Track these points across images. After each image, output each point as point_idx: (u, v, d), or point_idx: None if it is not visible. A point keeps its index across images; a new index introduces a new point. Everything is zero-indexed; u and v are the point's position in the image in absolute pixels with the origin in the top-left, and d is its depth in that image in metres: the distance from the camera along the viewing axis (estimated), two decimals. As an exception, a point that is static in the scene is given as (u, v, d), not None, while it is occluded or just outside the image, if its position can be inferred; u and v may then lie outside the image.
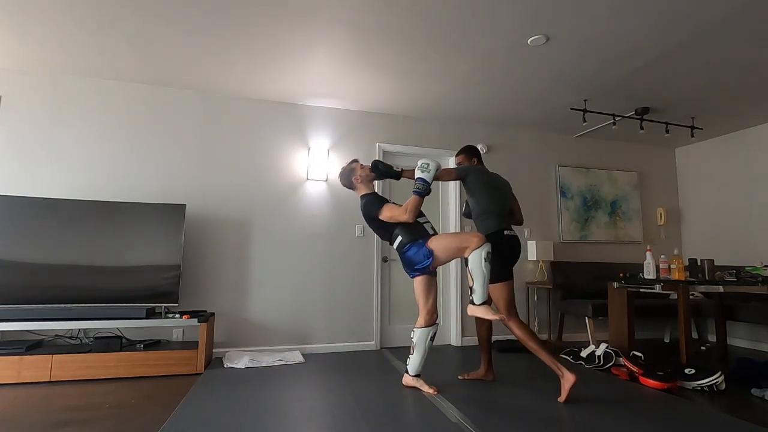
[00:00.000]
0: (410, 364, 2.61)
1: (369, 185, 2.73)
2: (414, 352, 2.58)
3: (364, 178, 2.70)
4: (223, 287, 3.53)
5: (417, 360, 2.57)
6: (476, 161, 2.91)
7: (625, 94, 3.61)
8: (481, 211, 2.66)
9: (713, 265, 3.28)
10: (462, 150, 2.98)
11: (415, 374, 2.60)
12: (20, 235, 2.93)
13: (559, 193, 4.62)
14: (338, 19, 2.55)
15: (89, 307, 2.96)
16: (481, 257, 2.30)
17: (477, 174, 2.70)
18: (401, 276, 4.04)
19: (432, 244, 2.47)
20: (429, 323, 2.56)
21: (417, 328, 2.57)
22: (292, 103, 3.89)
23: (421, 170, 2.48)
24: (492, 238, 2.48)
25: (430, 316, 2.57)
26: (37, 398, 2.38)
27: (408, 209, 2.46)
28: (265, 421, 2.06)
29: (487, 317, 2.33)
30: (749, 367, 2.88)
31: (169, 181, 3.51)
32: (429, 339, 2.56)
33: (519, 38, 2.73)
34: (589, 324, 3.86)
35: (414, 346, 2.57)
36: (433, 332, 2.57)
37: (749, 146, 4.41)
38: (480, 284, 2.32)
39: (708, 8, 2.39)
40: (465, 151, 2.95)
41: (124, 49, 2.95)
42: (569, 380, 2.33)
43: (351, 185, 2.75)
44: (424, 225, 2.58)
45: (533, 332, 2.48)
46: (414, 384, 2.60)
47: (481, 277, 2.31)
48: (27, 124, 3.26)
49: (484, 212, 2.65)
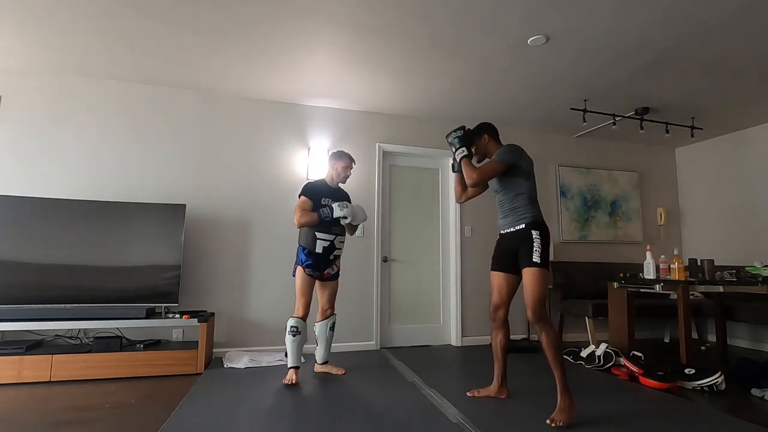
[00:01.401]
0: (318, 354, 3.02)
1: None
2: (318, 342, 3.01)
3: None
4: (223, 287, 3.53)
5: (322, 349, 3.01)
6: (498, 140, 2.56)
7: (625, 94, 3.61)
8: (533, 197, 2.33)
9: (713, 265, 3.28)
10: (482, 129, 2.53)
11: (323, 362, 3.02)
12: (20, 235, 2.93)
13: (559, 193, 4.62)
14: (338, 19, 2.55)
15: (89, 307, 2.96)
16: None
17: (525, 155, 2.37)
18: (401, 276, 4.05)
19: (298, 269, 2.84)
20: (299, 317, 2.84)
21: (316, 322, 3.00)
22: (292, 103, 3.89)
23: (340, 208, 2.79)
24: (544, 224, 2.29)
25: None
26: (37, 398, 2.38)
27: (296, 216, 2.78)
28: (265, 421, 2.06)
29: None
30: (749, 367, 2.88)
31: (169, 181, 3.51)
32: (329, 329, 2.99)
33: (519, 38, 2.73)
34: (589, 324, 3.86)
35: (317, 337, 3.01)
36: (331, 323, 2.99)
37: (749, 146, 4.41)
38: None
39: (708, 8, 2.39)
40: (488, 130, 2.53)
41: (124, 49, 2.95)
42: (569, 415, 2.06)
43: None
44: (318, 239, 2.83)
45: (560, 345, 2.20)
46: (323, 369, 3.01)
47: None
48: (27, 124, 3.26)
49: (536, 198, 2.35)
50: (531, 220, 2.28)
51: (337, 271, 2.98)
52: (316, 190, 2.87)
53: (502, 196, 2.40)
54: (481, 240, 4.26)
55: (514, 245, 2.31)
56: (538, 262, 2.19)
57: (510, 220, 2.36)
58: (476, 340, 4.10)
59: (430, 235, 4.22)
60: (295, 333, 2.71)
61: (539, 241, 2.22)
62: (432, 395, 2.48)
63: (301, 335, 2.72)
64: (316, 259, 2.82)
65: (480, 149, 2.52)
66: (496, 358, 2.47)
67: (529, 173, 2.34)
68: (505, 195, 2.38)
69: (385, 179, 4.12)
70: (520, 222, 2.30)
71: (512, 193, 2.35)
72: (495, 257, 2.45)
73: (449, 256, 4.21)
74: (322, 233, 2.82)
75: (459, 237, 4.17)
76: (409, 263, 4.10)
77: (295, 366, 2.72)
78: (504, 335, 2.44)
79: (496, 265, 2.43)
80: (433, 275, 4.16)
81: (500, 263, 2.41)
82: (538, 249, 2.21)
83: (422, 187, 4.26)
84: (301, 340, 2.74)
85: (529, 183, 2.33)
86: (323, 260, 2.85)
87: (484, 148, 2.52)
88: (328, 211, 2.76)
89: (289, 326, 2.71)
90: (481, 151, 2.53)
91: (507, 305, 2.43)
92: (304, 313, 2.75)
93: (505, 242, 2.40)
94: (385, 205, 4.08)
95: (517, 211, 2.32)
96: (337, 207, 2.78)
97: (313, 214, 2.75)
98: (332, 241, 2.85)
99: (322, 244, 2.81)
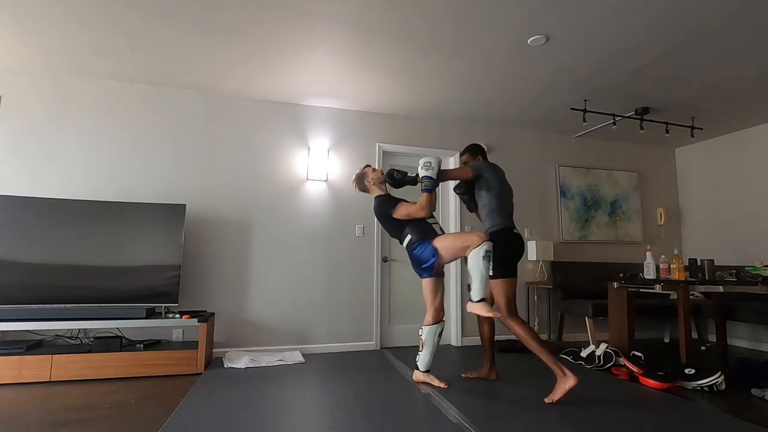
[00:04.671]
0: (420, 360, 2.71)
1: (381, 187, 2.87)
2: (423, 348, 2.68)
3: (375, 181, 2.84)
4: (223, 287, 3.53)
5: (427, 356, 2.69)
6: (481, 158, 2.90)
7: (625, 94, 3.61)
8: (494, 208, 2.63)
9: (713, 265, 3.28)
10: (467, 149, 2.96)
11: (425, 370, 2.71)
12: (20, 235, 2.93)
13: (559, 193, 4.62)
14: (338, 19, 2.55)
15: (89, 307, 2.95)
16: (480, 255, 2.39)
17: (493, 170, 2.70)
18: (401, 276, 4.05)
19: (437, 243, 2.59)
20: (436, 320, 2.67)
21: (425, 325, 2.67)
22: (292, 103, 3.89)
23: (425, 169, 2.60)
24: (501, 235, 2.55)
25: (438, 314, 2.68)
26: (37, 398, 2.38)
27: (423, 205, 2.61)
28: (265, 421, 2.06)
29: (484, 314, 2.37)
30: (749, 367, 2.88)
31: (169, 181, 3.51)
32: (437, 335, 2.68)
33: (519, 38, 2.73)
34: (589, 324, 3.86)
35: (423, 342, 2.68)
36: (440, 329, 2.69)
37: (749, 146, 4.41)
38: (478, 281, 2.40)
39: (708, 8, 2.39)
40: (470, 150, 2.93)
41: (124, 49, 2.95)
42: (569, 382, 2.28)
43: (365, 189, 2.90)
44: (432, 225, 2.70)
45: (534, 331, 2.44)
46: (424, 379, 2.70)
47: (479, 274, 2.39)
48: (27, 124, 3.26)
49: (497, 209, 2.62)
50: (487, 231, 2.62)
51: None
52: (393, 197, 2.80)
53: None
54: (481, 240, 4.26)
55: None
56: (491, 275, 2.47)
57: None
58: (476, 340, 4.09)
59: (430, 235, 4.21)
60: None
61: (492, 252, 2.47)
62: (432, 395, 2.48)
63: None
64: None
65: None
66: (484, 346, 2.87)
67: (491, 186, 2.65)
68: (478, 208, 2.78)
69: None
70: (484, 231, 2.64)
71: (480, 205, 2.72)
72: None
73: (449, 256, 4.21)
74: (431, 219, 2.71)
75: (459, 237, 4.17)
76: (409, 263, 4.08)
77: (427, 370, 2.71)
78: (488, 327, 2.85)
79: None
80: (433, 275, 4.15)
81: None
82: (492, 260, 2.46)
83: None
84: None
85: (490, 194, 2.64)
86: None
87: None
88: (429, 182, 2.57)
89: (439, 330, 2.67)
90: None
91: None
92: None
93: None
94: (385, 205, 4.08)
95: (482, 221, 2.71)
96: (424, 169, 2.58)
97: (426, 195, 2.59)
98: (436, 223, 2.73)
99: (437, 227, 2.70)
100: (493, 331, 2.86)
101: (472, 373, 2.87)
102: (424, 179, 2.60)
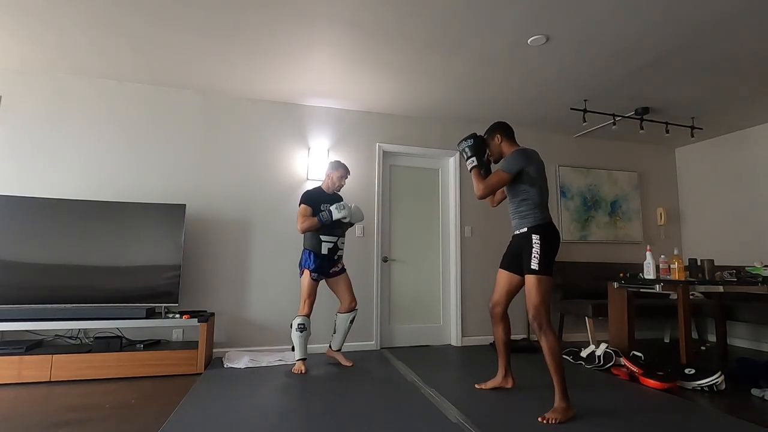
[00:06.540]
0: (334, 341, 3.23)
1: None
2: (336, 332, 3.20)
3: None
4: (223, 287, 3.53)
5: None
6: (510, 141, 2.50)
7: (625, 94, 3.61)
8: (538, 202, 2.32)
9: (713, 265, 3.28)
10: (496, 128, 2.50)
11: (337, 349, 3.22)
12: (20, 235, 2.93)
13: (559, 193, 4.62)
14: (338, 19, 2.55)
15: (89, 307, 2.95)
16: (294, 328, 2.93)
17: (534, 160, 2.33)
18: (401, 276, 4.05)
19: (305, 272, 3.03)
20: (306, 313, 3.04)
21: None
22: (292, 103, 3.89)
23: (338, 210, 2.98)
24: (550, 229, 2.29)
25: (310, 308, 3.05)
26: (37, 398, 2.38)
27: (299, 223, 3.03)
28: (265, 421, 2.06)
29: None
30: (749, 367, 2.88)
31: (169, 181, 3.51)
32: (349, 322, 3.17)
33: (519, 38, 2.73)
34: (589, 324, 3.86)
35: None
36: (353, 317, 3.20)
37: (749, 146, 4.41)
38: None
39: (708, 8, 2.39)
40: (501, 130, 2.49)
41: (124, 49, 2.95)
42: (570, 413, 2.12)
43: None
44: (322, 241, 3.04)
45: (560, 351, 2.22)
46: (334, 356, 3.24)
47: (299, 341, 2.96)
48: (27, 124, 3.26)
49: (542, 204, 2.33)
50: (533, 224, 2.30)
51: (342, 267, 3.21)
52: (314, 197, 3.10)
53: (510, 200, 2.47)
54: (481, 240, 4.26)
55: (519, 248, 2.39)
56: (536, 269, 2.22)
57: (516, 223, 2.43)
58: (476, 340, 4.10)
59: (430, 235, 4.22)
60: (302, 329, 2.95)
61: (539, 246, 2.24)
62: (432, 395, 2.48)
63: (307, 331, 2.97)
64: (322, 261, 3.04)
65: (494, 151, 2.53)
66: (498, 349, 2.61)
67: (535, 179, 2.32)
68: (512, 199, 2.43)
69: (385, 179, 4.12)
70: (523, 225, 2.36)
71: (518, 198, 2.38)
72: (504, 255, 2.58)
73: (449, 256, 4.21)
74: (326, 236, 3.05)
75: (459, 237, 4.17)
76: (409, 263, 4.10)
77: (303, 358, 2.98)
78: (503, 329, 2.56)
79: (503, 263, 2.56)
80: (433, 275, 4.16)
81: (506, 262, 2.53)
82: (537, 255, 2.24)
83: (422, 187, 4.27)
84: (307, 335, 2.99)
85: (534, 189, 2.32)
86: (328, 261, 3.08)
87: (498, 150, 2.51)
88: (328, 215, 2.99)
89: (297, 323, 2.94)
90: (496, 153, 2.53)
91: (505, 303, 2.55)
92: (309, 311, 3.00)
93: (514, 243, 2.49)
94: (385, 205, 4.08)
95: (522, 215, 2.36)
96: (335, 209, 3.00)
97: (313, 219, 3.00)
98: (335, 243, 3.09)
99: (327, 245, 3.05)
100: (509, 333, 2.57)
101: (487, 384, 2.61)
102: (328, 212, 3.00)
